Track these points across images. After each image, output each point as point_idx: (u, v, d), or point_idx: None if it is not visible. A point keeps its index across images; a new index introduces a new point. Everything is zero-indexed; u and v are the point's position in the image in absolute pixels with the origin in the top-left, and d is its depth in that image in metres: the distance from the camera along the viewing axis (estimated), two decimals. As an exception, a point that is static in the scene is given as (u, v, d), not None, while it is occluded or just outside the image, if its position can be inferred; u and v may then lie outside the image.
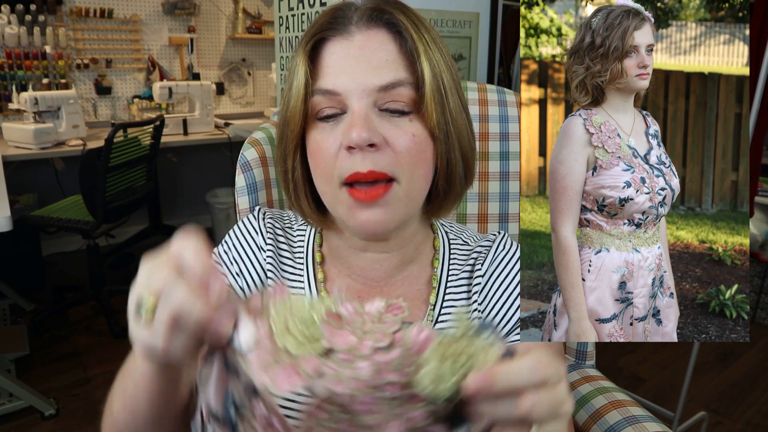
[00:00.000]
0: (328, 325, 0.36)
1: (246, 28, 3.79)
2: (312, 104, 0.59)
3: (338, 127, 0.58)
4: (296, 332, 0.36)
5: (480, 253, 0.68)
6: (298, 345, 0.35)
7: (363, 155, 0.56)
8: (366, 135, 0.55)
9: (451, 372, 0.34)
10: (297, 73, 0.59)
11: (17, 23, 2.99)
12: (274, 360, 0.35)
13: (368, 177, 0.56)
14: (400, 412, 0.35)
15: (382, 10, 0.60)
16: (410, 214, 0.62)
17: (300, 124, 0.59)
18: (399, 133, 0.57)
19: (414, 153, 0.58)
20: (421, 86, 0.58)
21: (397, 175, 0.57)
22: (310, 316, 0.36)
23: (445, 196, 0.65)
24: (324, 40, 0.60)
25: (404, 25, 0.59)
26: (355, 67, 0.57)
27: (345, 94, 0.57)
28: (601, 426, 0.83)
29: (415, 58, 0.58)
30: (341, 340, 0.36)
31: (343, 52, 0.58)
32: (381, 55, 0.58)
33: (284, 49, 2.05)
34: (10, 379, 1.91)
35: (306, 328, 0.36)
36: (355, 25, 0.59)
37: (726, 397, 2.18)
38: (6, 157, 2.45)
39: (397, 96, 0.57)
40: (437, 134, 0.60)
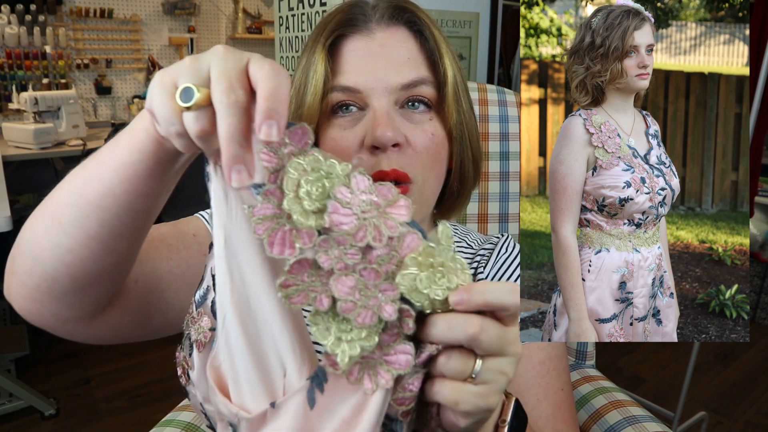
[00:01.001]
0: (336, 201, 0.36)
1: (246, 28, 3.78)
2: (329, 101, 0.58)
3: (358, 124, 0.57)
4: (306, 201, 0.36)
5: (483, 256, 0.68)
6: (302, 214, 0.36)
7: (387, 156, 0.55)
8: (391, 134, 0.54)
9: (427, 282, 0.36)
10: (314, 70, 0.57)
11: (17, 23, 2.99)
12: (275, 217, 0.35)
13: (391, 175, 0.55)
14: (374, 304, 0.36)
15: (402, 8, 0.59)
16: (422, 215, 0.62)
17: (317, 122, 0.58)
18: (419, 132, 0.57)
19: (432, 152, 0.58)
20: (443, 86, 0.58)
21: (415, 176, 0.57)
22: (323, 187, 0.36)
23: (457, 197, 0.65)
24: (342, 36, 0.59)
25: (425, 24, 0.59)
26: (377, 65, 0.56)
27: (366, 92, 0.56)
28: (601, 426, 0.83)
29: (436, 58, 0.58)
30: (342, 222, 0.36)
31: (364, 50, 0.57)
32: (402, 53, 0.57)
33: (284, 49, 2.05)
34: (10, 379, 1.91)
35: (316, 199, 0.36)
36: (376, 22, 0.58)
37: (726, 397, 2.18)
38: (6, 157, 2.45)
39: (418, 95, 0.57)
40: (455, 134, 0.60)
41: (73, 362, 2.29)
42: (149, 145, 0.39)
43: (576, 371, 0.97)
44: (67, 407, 2.00)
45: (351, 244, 0.36)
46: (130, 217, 0.42)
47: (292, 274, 0.36)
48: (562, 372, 0.63)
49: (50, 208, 0.44)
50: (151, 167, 0.40)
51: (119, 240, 0.44)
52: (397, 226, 0.36)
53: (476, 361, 0.36)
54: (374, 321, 0.36)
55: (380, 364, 0.36)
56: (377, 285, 0.36)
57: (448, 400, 0.36)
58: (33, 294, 0.46)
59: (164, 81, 0.36)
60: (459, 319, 0.35)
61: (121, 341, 0.56)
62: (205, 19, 3.69)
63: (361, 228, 0.36)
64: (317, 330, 0.36)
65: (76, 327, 0.50)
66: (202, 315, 0.44)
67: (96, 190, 0.41)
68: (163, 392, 2.11)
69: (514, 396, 0.45)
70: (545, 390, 0.60)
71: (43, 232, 0.43)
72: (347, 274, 0.36)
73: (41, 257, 0.44)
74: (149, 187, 0.41)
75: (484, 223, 0.99)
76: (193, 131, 0.35)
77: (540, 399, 0.60)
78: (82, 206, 0.42)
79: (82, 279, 0.45)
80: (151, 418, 0.93)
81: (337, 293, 0.36)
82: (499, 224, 0.99)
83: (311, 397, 0.38)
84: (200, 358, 0.43)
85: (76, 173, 0.43)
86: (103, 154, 0.42)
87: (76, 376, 2.20)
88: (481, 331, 0.35)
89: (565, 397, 0.61)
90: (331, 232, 0.36)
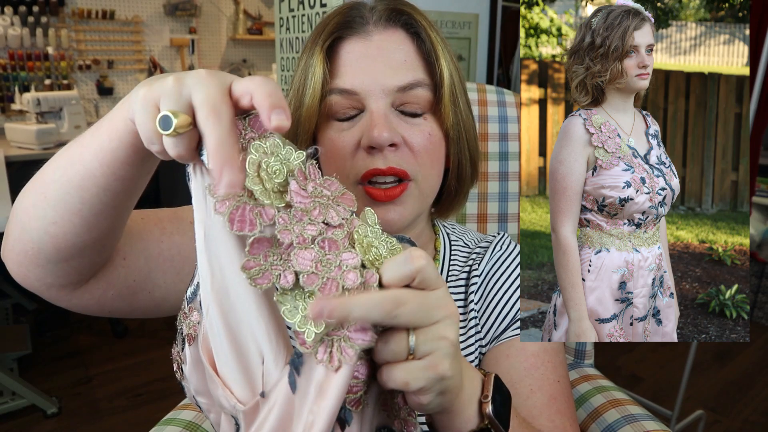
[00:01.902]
0: (295, 181, 0.38)
1: (247, 30, 3.79)
2: (327, 103, 0.58)
3: (355, 126, 0.57)
4: (266, 180, 0.37)
5: (479, 254, 0.69)
6: (263, 193, 0.37)
7: (383, 155, 0.56)
8: (387, 135, 0.55)
9: (369, 261, 0.37)
10: (313, 73, 0.58)
11: (20, 25, 2.99)
12: (236, 195, 0.37)
13: (387, 172, 0.56)
14: (336, 274, 0.37)
15: (400, 11, 0.60)
16: (420, 213, 0.62)
17: (315, 123, 0.59)
18: (416, 132, 0.58)
19: (430, 152, 0.59)
20: (439, 87, 0.58)
21: (414, 174, 0.58)
22: (282, 169, 0.38)
23: (455, 196, 0.66)
24: (340, 39, 0.59)
25: (422, 26, 0.59)
26: (374, 67, 0.57)
27: (363, 94, 0.57)
28: (599, 425, 0.84)
29: (433, 60, 0.59)
30: (300, 199, 0.38)
31: (361, 52, 0.58)
32: (399, 55, 0.58)
33: (285, 50, 2.06)
34: (12, 377, 1.91)
35: (276, 178, 0.37)
36: (373, 24, 0.59)
37: (723, 395, 2.18)
38: (9, 157, 2.46)
39: (414, 96, 0.58)
40: (452, 135, 0.60)
41: (75, 361, 2.30)
42: (127, 135, 0.41)
43: (575, 370, 0.97)
44: (68, 406, 2.01)
45: (309, 219, 0.37)
46: (109, 197, 0.45)
47: (252, 254, 0.37)
48: (558, 365, 0.63)
49: (38, 183, 0.47)
50: (130, 154, 0.42)
51: (100, 217, 0.46)
52: (348, 210, 0.39)
53: (409, 337, 0.36)
54: (339, 291, 0.36)
55: (345, 340, 0.37)
56: (338, 254, 0.37)
57: (398, 383, 0.36)
58: (20, 259, 0.49)
59: (147, 99, 0.37)
60: (375, 298, 0.35)
61: (107, 314, 0.58)
62: (206, 21, 3.70)
63: (317, 207, 0.38)
64: (286, 310, 0.37)
65: (60, 294, 0.52)
66: (193, 310, 0.45)
67: (77, 171, 0.44)
68: (164, 391, 2.11)
69: (493, 372, 0.45)
70: (539, 381, 0.60)
71: (31, 204, 0.47)
72: (306, 247, 0.37)
73: (28, 227, 0.47)
74: (127, 172, 0.44)
75: (483, 223, 0.99)
76: (172, 154, 0.37)
77: (533, 389, 0.60)
78: (65, 184, 0.44)
79: (65, 250, 0.47)
80: (153, 416, 0.94)
81: (299, 266, 0.37)
82: (498, 224, 0.99)
83: (292, 381, 0.39)
84: (192, 352, 0.44)
85: (64, 152, 0.46)
86: (86, 137, 0.44)
87: (77, 375, 2.20)
88: (396, 305, 0.35)
89: (561, 389, 0.61)
90: (290, 209, 0.37)
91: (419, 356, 0.36)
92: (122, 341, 2.45)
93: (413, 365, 0.36)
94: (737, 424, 2.02)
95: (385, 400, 0.41)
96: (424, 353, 0.36)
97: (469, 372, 0.43)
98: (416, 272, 0.36)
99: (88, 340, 2.45)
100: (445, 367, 0.37)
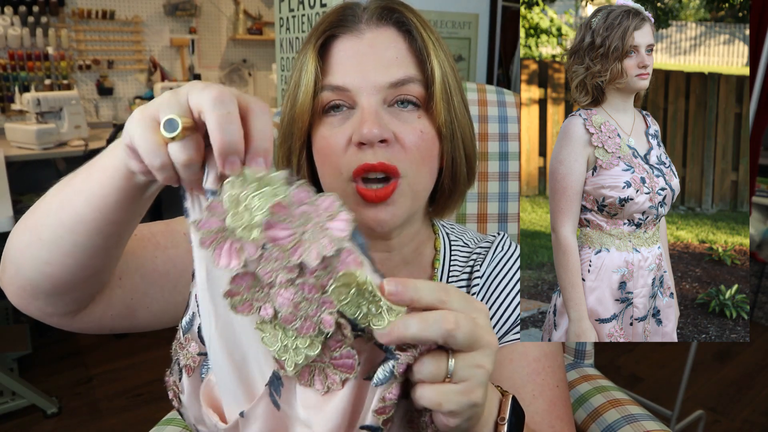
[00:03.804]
0: (271, 219, 0.36)
1: (247, 29, 3.79)
2: (320, 100, 0.59)
3: (347, 122, 0.58)
4: (244, 217, 0.37)
5: (480, 255, 0.69)
6: (244, 229, 0.37)
7: (374, 151, 0.56)
8: (377, 131, 0.55)
9: (356, 304, 0.36)
10: (306, 70, 0.59)
11: (20, 25, 2.99)
12: (220, 230, 0.37)
13: (378, 168, 0.56)
14: (314, 315, 0.37)
15: (391, 9, 0.60)
16: (414, 211, 0.62)
17: (308, 121, 0.60)
18: (408, 129, 0.58)
19: (422, 149, 0.59)
20: (430, 84, 0.59)
21: (405, 171, 0.58)
22: (259, 203, 0.37)
23: (450, 195, 0.66)
24: (333, 37, 0.60)
25: (414, 24, 0.60)
26: (365, 64, 0.57)
27: (354, 91, 0.57)
28: (599, 425, 0.84)
29: (425, 57, 0.59)
30: (279, 237, 0.37)
31: (353, 49, 0.58)
32: (391, 52, 0.58)
33: (285, 50, 2.06)
34: (12, 377, 1.91)
35: (256, 213, 0.37)
36: (365, 23, 0.60)
37: (723, 395, 2.18)
38: (9, 157, 2.46)
39: (406, 93, 0.58)
40: (444, 132, 0.60)
41: (75, 361, 2.30)
42: (119, 181, 0.42)
43: (575, 370, 0.97)
44: (68, 406, 2.01)
45: (288, 260, 0.36)
46: (101, 239, 0.46)
47: (234, 284, 0.37)
48: (557, 369, 0.63)
49: (31, 224, 0.48)
50: (120, 200, 0.43)
51: (93, 258, 0.48)
52: (334, 243, 0.36)
53: (449, 361, 0.36)
54: (315, 331, 0.37)
55: (329, 368, 0.38)
56: (317, 298, 0.37)
57: (431, 403, 0.37)
58: (19, 292, 0.51)
59: (144, 116, 0.38)
60: (435, 315, 0.36)
61: (109, 332, 0.60)
62: (206, 21, 3.70)
63: (298, 245, 0.36)
64: (266, 338, 0.38)
65: (61, 320, 0.54)
66: (190, 341, 0.46)
67: (69, 215, 0.45)
68: (164, 391, 2.10)
69: (511, 393, 0.45)
70: (540, 387, 0.61)
71: (25, 245, 0.48)
72: (287, 287, 0.37)
73: (23, 267, 0.48)
74: (118, 216, 0.44)
75: (483, 223, 0.99)
76: (180, 160, 0.37)
77: (535, 395, 0.60)
78: (58, 228, 0.46)
79: (61, 286, 0.49)
80: (153, 416, 0.94)
81: (277, 305, 0.37)
82: (498, 224, 0.99)
83: (274, 400, 0.40)
84: (190, 383, 0.45)
85: (56, 194, 0.47)
86: (78, 181, 0.45)
87: (77, 375, 2.20)
88: (456, 326, 0.35)
89: (560, 393, 0.62)
90: (266, 247, 0.37)
91: (456, 380, 0.37)
92: (122, 341, 2.45)
93: (449, 388, 0.37)
94: (737, 424, 2.02)
95: (412, 417, 0.41)
96: (461, 378, 0.37)
97: (489, 393, 0.43)
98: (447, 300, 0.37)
99: (88, 340, 2.45)
100: (479, 395, 0.37)
